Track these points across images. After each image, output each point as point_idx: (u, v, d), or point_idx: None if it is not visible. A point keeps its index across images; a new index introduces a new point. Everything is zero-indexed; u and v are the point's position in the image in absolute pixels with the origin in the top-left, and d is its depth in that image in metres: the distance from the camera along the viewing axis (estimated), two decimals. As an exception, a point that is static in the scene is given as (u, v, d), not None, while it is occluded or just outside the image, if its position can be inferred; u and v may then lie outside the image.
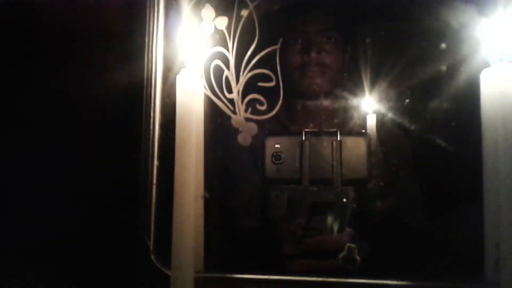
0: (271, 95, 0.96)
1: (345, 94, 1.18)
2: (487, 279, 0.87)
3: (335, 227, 0.97)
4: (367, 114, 1.13)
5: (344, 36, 1.21)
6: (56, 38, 1.12)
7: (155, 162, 1.00)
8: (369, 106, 1.15)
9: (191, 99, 0.86)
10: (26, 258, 1.08)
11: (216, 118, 0.99)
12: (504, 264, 0.80)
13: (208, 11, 0.94)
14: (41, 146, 1.10)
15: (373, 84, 1.15)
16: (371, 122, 1.12)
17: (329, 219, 0.97)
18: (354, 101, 1.17)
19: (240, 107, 0.95)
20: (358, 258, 0.91)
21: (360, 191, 1.01)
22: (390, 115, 1.15)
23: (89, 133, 1.09)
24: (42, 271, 1.07)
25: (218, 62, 0.94)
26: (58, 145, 1.10)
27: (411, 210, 1.12)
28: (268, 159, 1.01)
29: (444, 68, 1.13)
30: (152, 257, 0.98)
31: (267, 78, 0.95)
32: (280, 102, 0.95)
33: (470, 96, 0.92)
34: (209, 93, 0.94)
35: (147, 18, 1.02)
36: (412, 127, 1.15)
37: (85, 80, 1.11)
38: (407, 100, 1.15)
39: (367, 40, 1.20)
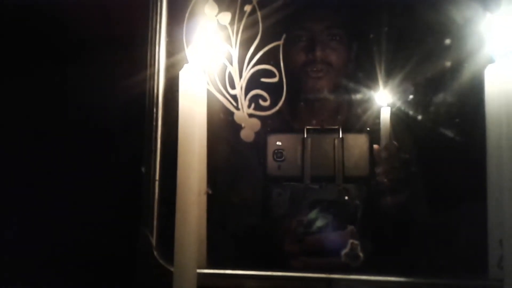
0: (274, 91, 0.96)
1: (353, 89, 1.17)
2: (490, 276, 0.87)
3: (336, 225, 0.97)
4: (381, 107, 1.11)
5: (349, 34, 1.20)
6: (60, 36, 1.12)
7: (158, 158, 1.00)
8: (384, 99, 1.12)
9: (194, 94, 0.85)
10: (27, 254, 1.08)
11: (219, 114, 0.99)
12: (507, 261, 0.80)
13: (211, 7, 0.94)
14: (44, 144, 1.11)
15: (382, 79, 1.14)
16: (385, 115, 1.10)
17: (330, 217, 0.97)
18: (362, 96, 1.16)
19: (243, 103, 0.95)
20: (361, 254, 0.91)
21: (365, 188, 1.01)
22: (400, 109, 1.14)
23: (92, 130, 1.10)
24: (43, 267, 1.07)
25: (221, 57, 0.94)
26: (61, 143, 1.10)
27: (415, 207, 1.12)
28: (269, 157, 1.01)
29: (448, 63, 1.13)
30: (155, 253, 0.98)
31: (270, 74, 0.95)
32: (283, 98, 0.95)
33: (474, 92, 0.92)
34: (212, 88, 0.94)
35: (150, 14, 1.02)
36: (418, 123, 1.14)
37: (87, 77, 1.11)
38: (411, 96, 1.14)
39: (371, 37, 1.19)
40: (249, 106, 0.95)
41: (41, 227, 1.07)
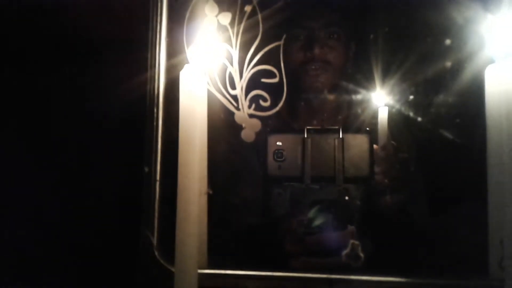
0: (274, 91, 0.96)
1: (352, 89, 1.17)
2: (491, 276, 0.87)
3: (337, 225, 0.97)
4: (379, 107, 1.09)
5: (348, 32, 1.19)
6: (60, 38, 1.12)
7: (159, 158, 1.00)
8: (381, 99, 1.11)
9: (195, 95, 0.85)
10: (27, 254, 1.08)
11: (219, 114, 0.99)
12: (508, 261, 0.80)
13: (212, 7, 0.94)
14: (44, 144, 1.10)
15: (381, 79, 1.14)
16: (383, 115, 1.08)
17: (331, 217, 0.97)
18: (360, 96, 1.16)
19: (244, 103, 0.95)
20: (361, 255, 0.91)
21: (366, 188, 1.01)
22: (398, 109, 1.13)
23: (93, 130, 1.10)
24: (43, 267, 1.07)
25: (221, 58, 0.94)
26: (61, 143, 1.10)
27: (415, 207, 1.12)
28: (270, 157, 1.01)
29: (449, 64, 1.13)
30: (156, 253, 0.98)
31: (270, 75, 0.95)
32: (283, 98, 0.95)
33: (475, 92, 0.92)
34: (212, 89, 0.94)
35: (151, 14, 1.02)
36: (417, 123, 1.14)
37: (88, 78, 1.11)
38: (411, 97, 1.14)
39: (371, 36, 1.19)
40: (249, 107, 0.95)
41: (41, 227, 1.07)
